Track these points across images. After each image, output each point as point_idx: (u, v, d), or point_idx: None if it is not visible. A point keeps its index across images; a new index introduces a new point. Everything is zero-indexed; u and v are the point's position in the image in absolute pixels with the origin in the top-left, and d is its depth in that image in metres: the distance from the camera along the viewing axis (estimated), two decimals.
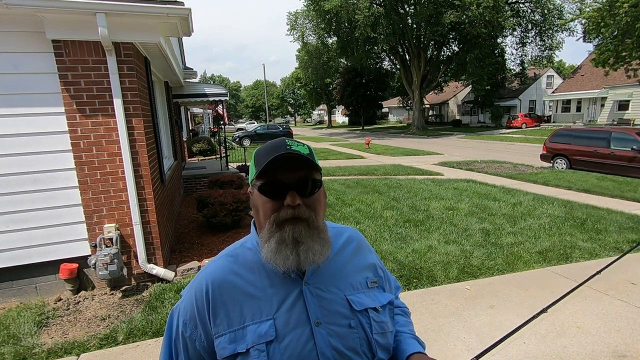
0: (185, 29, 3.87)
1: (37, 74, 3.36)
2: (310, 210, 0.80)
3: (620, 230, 5.25)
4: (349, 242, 0.96)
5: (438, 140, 24.92)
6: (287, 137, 11.40)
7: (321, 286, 0.85)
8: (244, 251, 0.89)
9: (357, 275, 0.91)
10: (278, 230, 0.79)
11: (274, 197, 0.79)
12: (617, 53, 19.88)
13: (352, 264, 0.93)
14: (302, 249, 0.78)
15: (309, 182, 0.81)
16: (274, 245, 0.78)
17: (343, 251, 0.93)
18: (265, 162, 0.78)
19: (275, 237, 0.78)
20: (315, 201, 0.82)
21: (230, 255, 0.90)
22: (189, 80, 9.35)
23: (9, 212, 3.45)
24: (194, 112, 25.08)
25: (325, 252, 0.81)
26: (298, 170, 0.80)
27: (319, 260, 0.80)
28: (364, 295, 0.89)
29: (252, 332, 0.79)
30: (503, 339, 0.82)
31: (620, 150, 9.64)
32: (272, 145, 0.83)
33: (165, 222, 4.56)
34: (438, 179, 9.61)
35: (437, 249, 4.62)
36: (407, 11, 28.58)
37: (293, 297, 0.82)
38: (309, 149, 0.84)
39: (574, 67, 53.61)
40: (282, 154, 0.77)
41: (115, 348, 2.87)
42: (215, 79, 78.76)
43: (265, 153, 0.81)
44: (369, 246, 1.02)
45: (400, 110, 50.38)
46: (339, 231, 0.97)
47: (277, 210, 0.79)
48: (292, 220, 0.79)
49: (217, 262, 0.89)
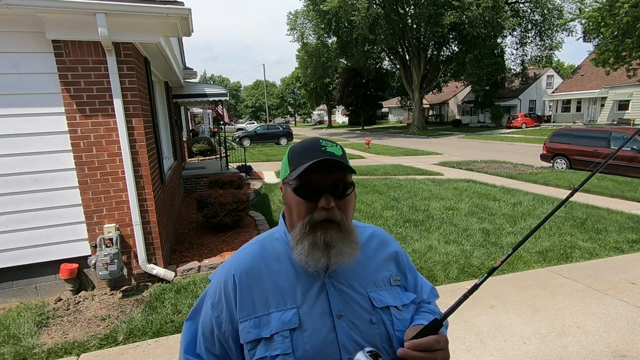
0: (185, 29, 3.87)
1: (37, 74, 3.36)
2: (342, 212, 0.82)
3: (620, 230, 5.25)
4: (372, 239, 0.98)
5: (438, 140, 24.92)
6: (287, 137, 11.46)
7: (343, 281, 0.87)
8: (271, 241, 0.92)
9: (379, 272, 0.93)
10: (311, 233, 0.81)
11: (308, 198, 0.81)
12: (617, 53, 19.88)
13: (375, 261, 0.94)
14: (333, 252, 0.81)
15: (343, 184, 0.83)
16: (307, 248, 0.81)
17: (365, 249, 0.94)
18: (301, 163, 0.80)
19: (308, 240, 0.81)
20: (347, 203, 0.84)
21: (259, 244, 0.93)
22: (189, 80, 9.35)
23: (9, 212, 3.45)
24: (194, 112, 25.09)
25: (353, 254, 0.84)
26: (333, 172, 0.81)
27: (347, 263, 0.83)
28: (386, 293, 0.90)
29: (276, 319, 0.82)
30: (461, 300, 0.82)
31: (620, 150, 9.64)
32: (307, 145, 0.85)
33: (165, 222, 4.56)
34: (438, 179, 9.61)
35: (437, 249, 4.62)
36: (407, 12, 28.58)
37: (316, 289, 0.85)
38: (342, 149, 0.86)
39: (573, 67, 53.70)
40: (319, 160, 0.78)
41: (115, 348, 2.87)
42: (215, 79, 78.75)
43: (300, 153, 0.83)
44: (395, 245, 1.02)
45: (400, 110, 50.38)
46: (363, 229, 0.99)
47: (310, 212, 0.81)
48: (324, 222, 0.81)
49: (245, 250, 0.93)
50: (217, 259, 4.34)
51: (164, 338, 2.98)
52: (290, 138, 25.23)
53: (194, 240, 5.14)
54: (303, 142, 0.86)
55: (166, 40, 4.32)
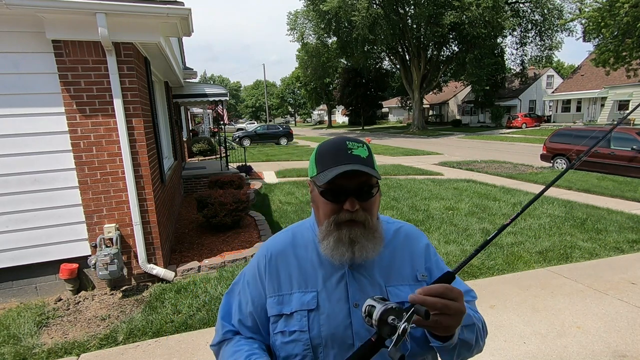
0: (185, 29, 3.87)
1: (37, 74, 3.36)
2: (366, 213, 0.86)
3: (620, 230, 5.25)
4: (398, 234, 0.99)
5: (438, 140, 24.92)
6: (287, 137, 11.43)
7: (364, 272, 0.91)
8: (302, 230, 1.01)
9: (404, 267, 0.95)
10: (336, 230, 0.85)
11: (334, 201, 0.85)
12: (617, 53, 19.88)
13: (400, 256, 0.96)
14: (357, 248, 0.85)
15: (368, 187, 0.86)
16: (332, 244, 0.85)
17: (392, 243, 0.97)
18: (327, 165, 0.84)
19: (334, 236, 0.85)
20: (371, 204, 0.87)
21: (291, 231, 1.02)
22: (189, 80, 9.35)
23: (9, 212, 3.45)
24: (194, 112, 25.09)
25: (377, 249, 0.87)
26: (358, 177, 0.84)
27: (370, 257, 0.87)
28: (407, 288, 0.92)
29: (297, 299, 0.90)
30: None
31: (621, 150, 9.64)
32: (335, 146, 0.87)
33: (165, 222, 4.56)
34: (438, 179, 9.60)
35: (437, 249, 4.62)
36: (407, 12, 28.57)
37: (337, 277, 0.90)
38: (368, 149, 0.89)
39: (573, 67, 53.70)
40: (347, 169, 0.81)
41: (115, 348, 2.87)
42: (215, 79, 78.75)
43: (327, 155, 0.86)
44: (426, 243, 1.01)
45: (400, 110, 50.37)
46: (390, 226, 1.01)
47: (336, 213, 0.85)
48: (349, 222, 0.85)
49: (279, 236, 1.03)
50: (217, 259, 4.34)
51: (164, 338, 2.98)
52: (291, 138, 25.23)
53: (194, 240, 5.14)
54: (331, 143, 0.89)
55: (166, 40, 4.32)
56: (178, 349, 2.82)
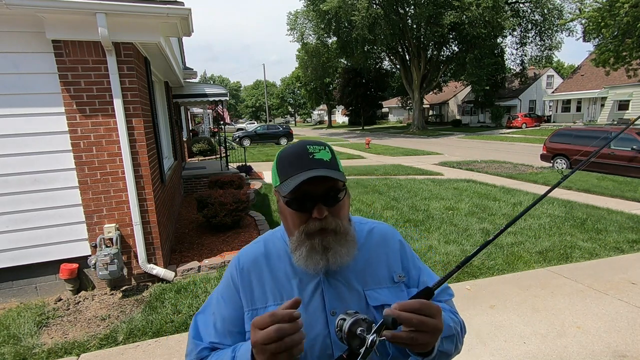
0: (185, 29, 3.87)
1: (37, 74, 3.36)
2: (336, 218, 0.83)
3: (620, 230, 5.25)
4: (372, 236, 0.97)
5: (438, 140, 24.92)
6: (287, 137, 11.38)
7: (340, 278, 0.88)
8: (274, 240, 0.96)
9: (380, 269, 0.92)
10: (308, 240, 0.82)
11: (301, 210, 0.82)
12: (617, 53, 19.88)
13: (375, 258, 0.93)
14: (330, 254, 0.82)
15: (334, 192, 0.82)
16: (305, 253, 0.83)
17: (366, 245, 0.94)
18: (290, 174, 0.80)
19: (306, 246, 0.82)
20: (340, 208, 0.84)
21: (262, 242, 0.97)
22: (189, 80, 9.35)
23: (9, 212, 3.45)
24: (194, 112, 25.08)
25: (351, 253, 0.85)
26: (323, 182, 0.80)
27: (345, 262, 0.84)
28: (386, 291, 0.89)
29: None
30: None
31: (620, 150, 9.64)
32: (295, 152, 0.84)
33: (166, 222, 4.56)
34: (438, 179, 9.61)
35: (437, 249, 4.62)
36: (407, 12, 28.57)
37: (312, 285, 0.88)
38: (330, 151, 0.85)
39: (573, 67, 53.70)
40: (310, 176, 0.77)
41: (115, 348, 2.87)
42: (215, 79, 78.74)
43: (289, 162, 0.83)
44: (400, 241, 0.99)
45: (400, 110, 50.37)
46: (363, 226, 0.98)
47: (305, 222, 0.82)
48: (320, 231, 0.82)
49: (251, 246, 0.98)
50: (217, 259, 4.34)
51: (164, 338, 2.98)
52: (291, 138, 25.22)
53: (194, 240, 5.14)
54: (291, 149, 0.85)
55: (166, 40, 4.32)
56: (178, 349, 2.82)
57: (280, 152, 0.88)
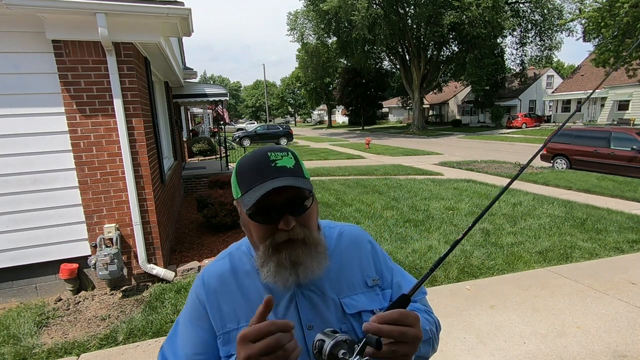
0: (185, 29, 3.87)
1: (37, 74, 3.36)
2: (304, 228, 0.78)
3: (620, 230, 5.25)
4: (342, 239, 0.92)
5: (438, 140, 24.92)
6: (287, 137, 11.29)
7: (314, 289, 0.83)
8: (239, 254, 0.89)
9: (353, 274, 0.88)
10: (275, 254, 0.77)
11: (266, 222, 0.76)
12: (617, 53, 19.87)
13: (348, 263, 0.89)
14: (301, 269, 0.77)
15: (301, 200, 0.77)
16: (273, 269, 0.77)
17: (337, 251, 0.89)
18: (251, 185, 0.75)
19: (274, 262, 0.77)
20: (308, 217, 0.79)
21: (228, 258, 0.90)
22: (189, 81, 9.35)
23: (9, 212, 3.45)
24: (194, 112, 25.08)
25: (322, 265, 0.80)
26: (288, 191, 0.75)
27: (317, 275, 0.79)
28: (362, 297, 0.86)
29: None
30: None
31: (620, 150, 9.64)
32: (256, 162, 0.77)
33: (166, 222, 4.56)
34: (438, 179, 9.61)
35: (437, 249, 4.62)
36: (407, 12, 28.58)
37: (286, 300, 0.82)
38: (294, 157, 0.80)
39: (573, 67, 53.70)
40: (274, 187, 0.72)
41: (115, 348, 2.87)
42: (215, 79, 78.76)
43: (249, 172, 0.77)
44: (370, 242, 0.96)
45: (400, 110, 50.36)
46: (332, 230, 0.93)
47: (271, 235, 0.76)
48: (288, 242, 0.76)
49: (214, 264, 0.90)
50: None
51: (164, 338, 2.97)
52: (291, 138, 25.23)
53: (194, 240, 5.14)
54: (251, 157, 0.79)
55: (166, 40, 4.32)
56: None
57: (240, 161, 0.81)
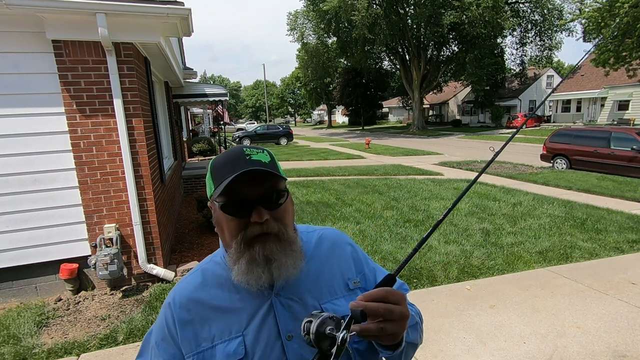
0: (185, 29, 3.87)
1: (37, 74, 3.36)
2: (279, 223, 0.76)
3: (620, 230, 5.25)
4: (321, 243, 0.90)
5: (438, 140, 24.92)
6: (287, 137, 11.44)
7: (293, 296, 0.80)
8: (212, 266, 0.86)
9: (334, 278, 0.85)
10: (247, 250, 0.74)
11: (239, 215, 0.74)
12: (617, 53, 19.88)
13: (329, 267, 0.86)
14: (274, 266, 0.74)
15: (275, 193, 0.75)
16: (244, 266, 0.74)
17: (316, 255, 0.87)
18: (224, 178, 0.72)
19: (245, 258, 0.74)
20: (282, 212, 0.77)
21: (200, 271, 0.86)
22: (189, 81, 9.35)
23: (9, 212, 3.45)
24: (194, 112, 25.08)
25: (298, 265, 0.77)
26: (262, 183, 0.74)
27: (292, 275, 0.77)
28: (343, 300, 0.83)
29: (220, 352, 0.76)
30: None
31: (620, 150, 9.64)
32: (230, 156, 0.77)
33: (166, 222, 4.56)
34: (438, 179, 9.61)
35: (437, 249, 4.62)
36: (407, 12, 28.59)
37: (264, 310, 0.78)
38: (269, 155, 0.79)
39: (572, 67, 53.60)
40: (242, 171, 0.71)
41: (115, 348, 2.87)
42: (215, 79, 78.77)
43: (223, 166, 0.75)
44: (350, 244, 0.93)
45: (400, 110, 50.37)
46: (311, 235, 0.91)
47: (243, 228, 0.74)
48: (261, 236, 0.74)
49: (185, 279, 0.86)
50: None
51: None
52: (291, 138, 25.24)
53: (194, 240, 5.14)
54: (226, 153, 0.78)
55: (166, 40, 4.32)
56: None
57: (214, 158, 0.79)
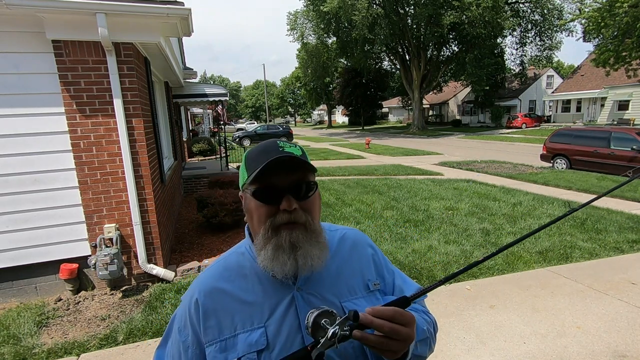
0: (185, 29, 3.87)
1: (37, 74, 3.36)
2: (306, 214, 0.78)
3: (620, 230, 5.25)
4: (344, 242, 0.92)
5: (438, 140, 24.92)
6: (287, 137, 11.44)
7: (314, 292, 0.82)
8: (237, 257, 0.88)
9: (354, 278, 0.87)
10: (274, 236, 0.76)
11: (268, 201, 0.77)
12: (617, 53, 19.88)
13: (350, 267, 0.88)
14: (300, 254, 0.76)
15: (305, 185, 0.78)
16: (270, 252, 0.76)
17: (338, 254, 0.89)
18: (258, 166, 0.75)
19: (272, 243, 0.76)
20: (311, 204, 0.79)
21: (223, 261, 0.88)
22: (189, 81, 9.35)
23: (9, 212, 3.45)
24: (194, 112, 25.08)
25: (323, 256, 0.79)
26: (293, 173, 0.77)
27: (317, 265, 0.78)
28: (363, 301, 0.85)
29: (242, 341, 0.77)
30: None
31: (620, 150, 9.64)
32: (264, 147, 0.80)
33: (166, 222, 4.56)
34: (438, 179, 9.61)
35: (437, 249, 4.62)
36: (407, 12, 28.58)
37: (285, 303, 0.80)
38: (301, 150, 0.82)
39: (573, 67, 53.74)
40: (276, 157, 0.74)
41: (115, 348, 2.87)
42: (215, 79, 78.79)
43: (257, 156, 0.79)
44: (371, 245, 0.96)
45: (400, 110, 50.37)
46: (333, 234, 0.93)
47: (272, 215, 0.77)
48: (288, 225, 0.76)
49: (209, 269, 0.88)
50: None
51: None
52: (291, 138, 25.24)
53: (194, 240, 5.14)
54: (260, 145, 0.82)
55: (166, 40, 4.32)
56: None
57: (248, 150, 0.83)
